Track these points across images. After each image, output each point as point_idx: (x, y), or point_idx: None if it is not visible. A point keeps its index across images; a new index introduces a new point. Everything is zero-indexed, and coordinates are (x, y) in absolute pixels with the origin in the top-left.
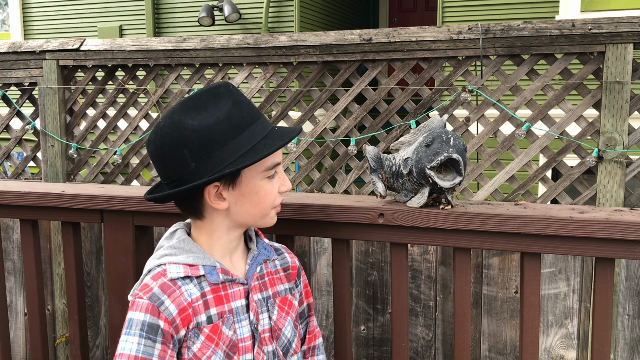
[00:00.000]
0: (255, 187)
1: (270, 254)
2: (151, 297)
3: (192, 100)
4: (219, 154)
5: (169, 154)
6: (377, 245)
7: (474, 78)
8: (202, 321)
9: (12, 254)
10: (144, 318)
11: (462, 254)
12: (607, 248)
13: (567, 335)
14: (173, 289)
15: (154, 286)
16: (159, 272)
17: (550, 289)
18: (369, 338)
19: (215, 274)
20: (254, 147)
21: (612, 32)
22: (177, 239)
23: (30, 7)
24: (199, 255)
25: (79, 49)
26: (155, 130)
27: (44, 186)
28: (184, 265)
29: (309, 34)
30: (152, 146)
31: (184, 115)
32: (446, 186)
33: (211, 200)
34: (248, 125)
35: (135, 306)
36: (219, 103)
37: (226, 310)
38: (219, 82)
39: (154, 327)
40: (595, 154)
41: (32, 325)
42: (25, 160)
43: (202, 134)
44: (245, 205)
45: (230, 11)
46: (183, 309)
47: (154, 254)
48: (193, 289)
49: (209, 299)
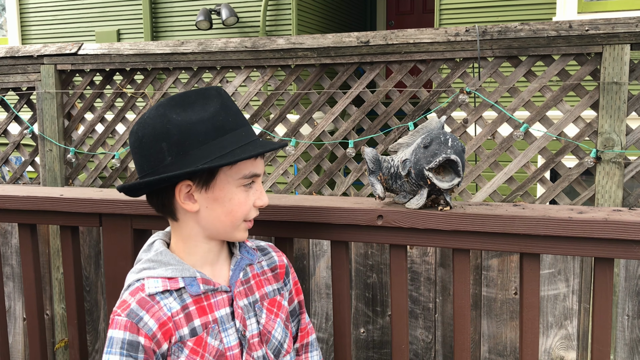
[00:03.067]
0: (229, 193)
1: (254, 257)
2: (129, 313)
3: (181, 97)
4: (197, 152)
5: (147, 145)
6: (376, 248)
7: (471, 80)
8: (184, 334)
9: (11, 258)
10: (124, 336)
11: (461, 256)
12: (606, 248)
13: (567, 336)
14: (152, 304)
15: (132, 302)
16: (137, 288)
17: (549, 290)
18: (368, 341)
19: (195, 285)
20: (233, 151)
21: (609, 33)
22: (154, 251)
23: (27, 11)
24: (177, 267)
25: (77, 53)
26: (140, 121)
27: (42, 190)
28: (162, 279)
29: (307, 37)
30: (133, 137)
31: (169, 110)
32: (445, 187)
33: (181, 200)
34: (232, 130)
35: (115, 324)
36: (207, 104)
37: (210, 321)
38: (211, 86)
39: (133, 345)
40: (594, 155)
41: (31, 330)
42: (24, 165)
43: (183, 130)
44: (217, 212)
45: (228, 15)
46: (163, 324)
47: (134, 267)
48: (173, 303)
49: (191, 311)
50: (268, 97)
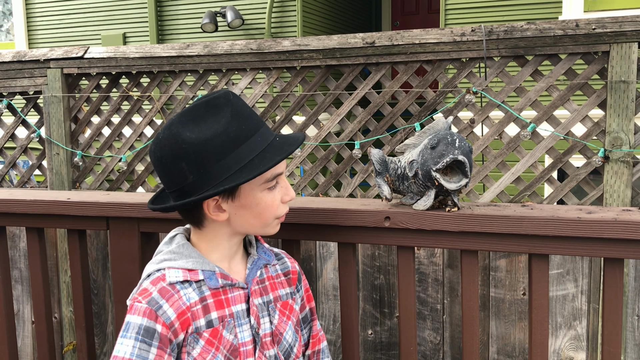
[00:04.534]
0: (255, 199)
1: (271, 258)
2: (150, 301)
3: (191, 111)
4: (217, 167)
5: (168, 166)
6: (384, 249)
7: (478, 80)
8: (201, 326)
9: (19, 262)
10: (141, 322)
11: (470, 257)
12: (615, 248)
13: (576, 337)
14: (172, 293)
15: (153, 291)
16: (158, 277)
17: (558, 290)
18: (376, 342)
19: (214, 279)
20: (251, 162)
21: (616, 32)
22: (176, 244)
23: (34, 16)
24: (198, 260)
25: (83, 56)
26: (155, 141)
27: (50, 194)
28: (183, 270)
29: (312, 39)
30: (153, 157)
31: (182, 128)
32: (452, 188)
33: (210, 212)
34: (247, 138)
35: (134, 310)
36: (218, 115)
37: (227, 315)
38: (219, 92)
39: (150, 331)
40: (602, 154)
41: (39, 334)
42: (31, 169)
43: (199, 148)
44: (246, 216)
45: (233, 17)
46: (182, 313)
47: (153, 258)
48: (192, 293)
49: (209, 303)
50: (274, 98)
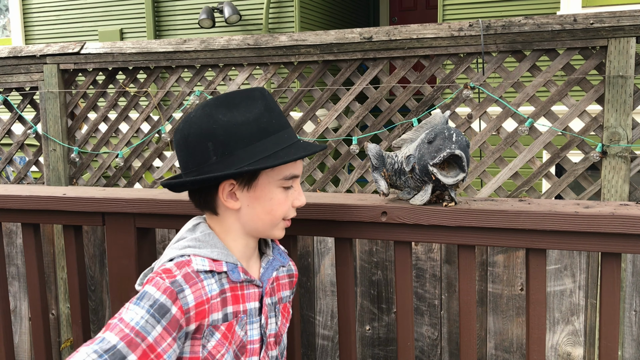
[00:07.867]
0: (269, 193)
1: (286, 260)
2: (173, 282)
3: (227, 97)
4: (241, 153)
5: (193, 144)
6: (381, 245)
7: (475, 75)
8: (218, 319)
9: (16, 258)
10: (159, 297)
11: (467, 252)
12: (613, 243)
13: (574, 332)
14: (196, 280)
15: (178, 274)
16: (183, 262)
17: (555, 285)
18: (374, 338)
19: (237, 272)
20: (276, 153)
21: (614, 26)
22: (201, 232)
23: (30, 12)
24: (222, 252)
25: (80, 52)
26: (186, 119)
27: (45, 190)
28: (209, 260)
29: (310, 34)
30: (179, 134)
31: (215, 109)
32: (449, 183)
33: (224, 198)
34: (275, 132)
35: (154, 283)
36: (251, 105)
37: (241, 310)
38: (255, 87)
39: (163, 309)
40: (599, 149)
41: (36, 330)
42: (28, 165)
43: (229, 130)
44: (257, 210)
45: (230, 13)
46: (200, 303)
47: (175, 244)
48: (214, 285)
49: (227, 297)
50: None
